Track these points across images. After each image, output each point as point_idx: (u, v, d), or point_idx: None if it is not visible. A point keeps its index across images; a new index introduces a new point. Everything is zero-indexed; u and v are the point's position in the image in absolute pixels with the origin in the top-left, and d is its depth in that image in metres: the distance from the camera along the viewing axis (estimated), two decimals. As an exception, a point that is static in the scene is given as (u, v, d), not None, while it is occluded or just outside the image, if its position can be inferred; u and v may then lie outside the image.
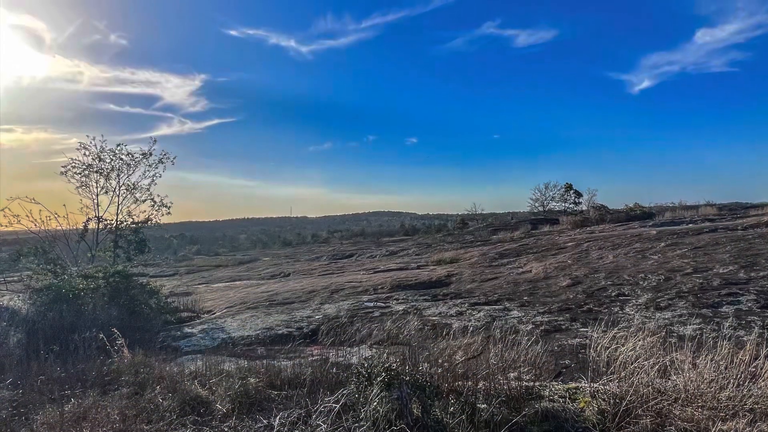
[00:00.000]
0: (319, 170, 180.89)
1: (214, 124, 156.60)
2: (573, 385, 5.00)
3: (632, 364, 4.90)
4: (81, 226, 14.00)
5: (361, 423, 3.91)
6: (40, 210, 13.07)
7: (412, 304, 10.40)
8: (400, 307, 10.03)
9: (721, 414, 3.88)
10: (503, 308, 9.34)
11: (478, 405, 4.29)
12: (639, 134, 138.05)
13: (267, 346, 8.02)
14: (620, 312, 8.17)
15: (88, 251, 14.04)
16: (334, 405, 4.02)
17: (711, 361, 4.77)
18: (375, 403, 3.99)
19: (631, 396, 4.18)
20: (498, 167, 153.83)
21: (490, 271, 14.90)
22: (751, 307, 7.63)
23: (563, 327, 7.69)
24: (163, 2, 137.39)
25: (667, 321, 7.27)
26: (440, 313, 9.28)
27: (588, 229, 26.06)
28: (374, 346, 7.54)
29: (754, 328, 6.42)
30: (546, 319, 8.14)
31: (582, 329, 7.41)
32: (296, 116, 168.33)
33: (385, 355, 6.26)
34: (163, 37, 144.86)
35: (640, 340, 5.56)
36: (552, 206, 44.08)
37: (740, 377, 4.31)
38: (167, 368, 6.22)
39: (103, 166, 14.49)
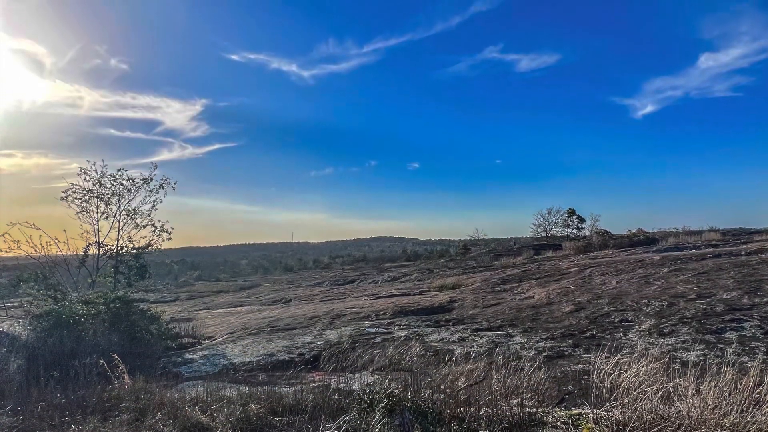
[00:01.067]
0: (321, 195, 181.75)
1: (215, 149, 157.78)
2: (576, 411, 4.96)
3: (635, 390, 4.87)
4: (81, 252, 13.95)
5: (363, 449, 3.88)
6: (41, 235, 13.02)
7: (414, 329, 10.35)
8: (402, 333, 9.98)
9: (726, 441, 3.85)
10: (506, 334, 9.29)
11: (481, 431, 4.26)
12: (642, 159, 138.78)
13: (268, 372, 7.96)
14: (623, 338, 8.12)
15: (89, 277, 13.99)
16: (335, 431, 4.00)
17: (714, 387, 4.74)
18: (377, 430, 3.97)
19: (634, 422, 4.16)
20: (500, 192, 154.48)
21: (492, 296, 14.84)
22: (755, 333, 7.59)
23: (566, 353, 7.64)
24: (164, 27, 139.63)
25: (670, 347, 7.22)
26: (442, 339, 9.23)
27: (591, 254, 26.00)
28: (376, 372, 7.48)
29: (758, 354, 6.38)
30: (549, 345, 8.09)
31: (585, 355, 7.36)
32: (297, 141, 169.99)
33: (387, 381, 6.23)
34: (163, 62, 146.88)
35: (643, 366, 5.54)
36: (555, 231, 44.05)
37: (744, 403, 4.28)
38: (168, 394, 6.18)
39: (103, 191, 14.50)
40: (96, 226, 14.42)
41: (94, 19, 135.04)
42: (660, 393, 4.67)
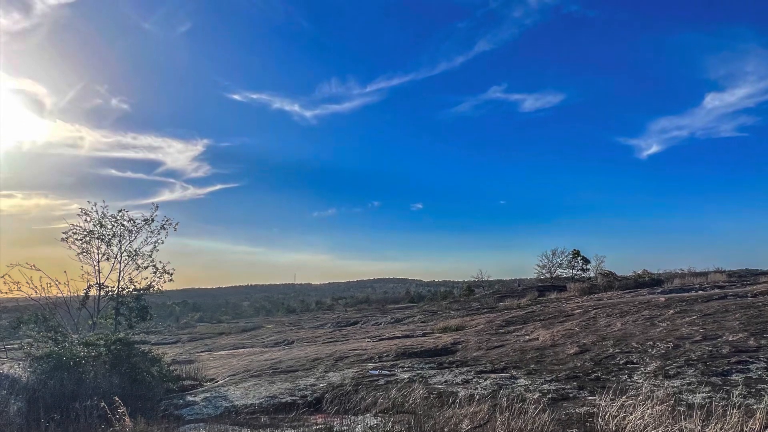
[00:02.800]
0: (323, 236, 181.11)
1: (216, 189, 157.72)
2: (581, 454, 4.91)
3: (640, 432, 4.84)
4: (82, 293, 13.88)
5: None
6: (41, 277, 12.93)
7: (417, 372, 10.24)
8: (406, 375, 9.88)
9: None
10: (510, 376, 9.19)
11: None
12: (648, 200, 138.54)
13: (270, 415, 7.87)
14: (628, 380, 8.03)
15: (90, 318, 13.91)
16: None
17: (720, 429, 4.71)
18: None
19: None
20: (504, 233, 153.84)
21: (496, 338, 14.69)
22: (761, 375, 7.51)
23: (571, 395, 7.55)
24: (165, 66, 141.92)
25: (675, 389, 7.14)
26: (446, 381, 9.13)
27: (596, 296, 25.80)
28: (379, 414, 7.40)
29: (764, 396, 6.32)
30: (553, 388, 8.00)
31: (590, 397, 7.28)
32: (300, 182, 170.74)
33: (390, 423, 6.18)
34: (165, 102, 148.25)
35: (648, 409, 5.51)
36: (559, 273, 43.82)
37: (749, 445, 4.25)
38: (169, 437, 6.13)
39: (104, 232, 14.47)
40: (97, 268, 14.37)
41: (94, 58, 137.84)
42: (665, 435, 4.64)
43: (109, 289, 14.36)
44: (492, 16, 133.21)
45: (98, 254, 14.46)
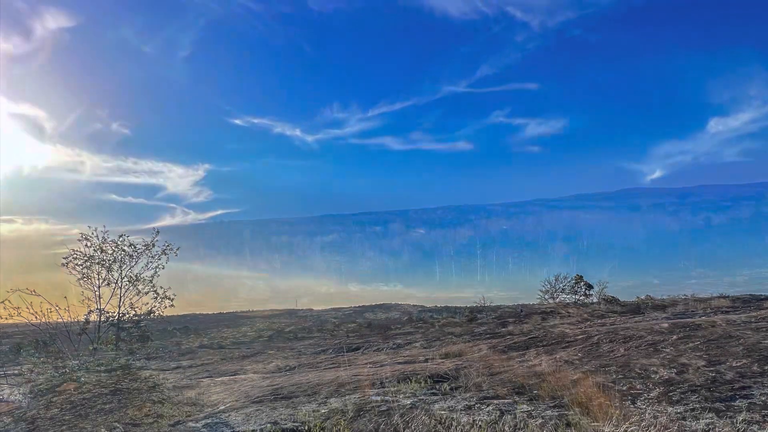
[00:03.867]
0: (325, 261, 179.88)
1: (217, 214, 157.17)
2: (583, 480, 4.90)
3: (642, 458, 4.83)
4: (82, 319, 13.89)
5: None
6: (41, 302, 12.93)
7: (419, 397, 10.19)
8: (407, 401, 9.83)
9: None
10: (512, 402, 9.14)
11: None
12: (651, 224, 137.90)
13: (271, 441, 7.83)
14: (631, 406, 7.99)
15: (90, 344, 13.89)
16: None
17: (722, 455, 4.69)
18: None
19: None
20: (507, 257, 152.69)
21: (499, 364, 14.59)
22: (764, 402, 7.47)
23: (573, 421, 7.50)
24: (166, 91, 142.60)
25: (679, 415, 7.11)
26: (448, 407, 9.08)
27: (599, 321, 25.61)
28: (380, 440, 7.36)
29: None
30: (556, 414, 7.96)
31: (593, 423, 7.23)
32: (301, 206, 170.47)
33: (391, 449, 6.15)
34: (166, 126, 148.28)
35: (651, 435, 5.50)
36: (562, 298, 43.58)
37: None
38: (170, 462, 6.11)
39: (104, 257, 14.51)
40: (97, 293, 14.39)
41: (95, 83, 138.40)
42: (667, 461, 4.64)
43: (110, 314, 14.37)
44: (494, 40, 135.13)
45: (99, 279, 14.49)
